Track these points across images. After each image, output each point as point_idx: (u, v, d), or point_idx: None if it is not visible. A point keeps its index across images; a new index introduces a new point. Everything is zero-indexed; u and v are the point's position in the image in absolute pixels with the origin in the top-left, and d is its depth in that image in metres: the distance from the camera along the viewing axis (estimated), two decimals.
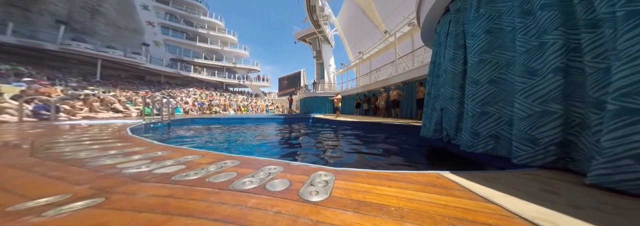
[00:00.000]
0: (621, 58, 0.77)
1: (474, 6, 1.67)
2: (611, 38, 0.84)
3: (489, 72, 1.46)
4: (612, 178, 0.74)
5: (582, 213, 0.58)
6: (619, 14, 0.80)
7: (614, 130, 0.76)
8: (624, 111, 0.74)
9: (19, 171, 0.90)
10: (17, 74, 10.28)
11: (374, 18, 12.95)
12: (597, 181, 0.77)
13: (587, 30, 0.97)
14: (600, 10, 0.89)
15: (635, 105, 0.72)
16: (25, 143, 1.63)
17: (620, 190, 0.72)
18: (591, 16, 0.95)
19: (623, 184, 0.72)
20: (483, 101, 1.46)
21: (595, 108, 0.91)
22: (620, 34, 0.79)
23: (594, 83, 0.92)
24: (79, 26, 15.98)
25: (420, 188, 0.75)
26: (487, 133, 1.40)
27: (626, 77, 0.75)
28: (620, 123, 0.75)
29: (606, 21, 0.87)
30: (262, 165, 1.00)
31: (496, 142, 1.37)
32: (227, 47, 24.33)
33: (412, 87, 5.94)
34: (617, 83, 0.77)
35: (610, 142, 0.76)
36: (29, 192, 0.66)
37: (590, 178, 0.79)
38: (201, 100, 15.49)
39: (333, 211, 0.57)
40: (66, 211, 0.54)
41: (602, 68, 0.90)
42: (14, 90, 5.91)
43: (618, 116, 0.76)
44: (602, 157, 0.78)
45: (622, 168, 0.72)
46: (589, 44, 0.95)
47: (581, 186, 0.80)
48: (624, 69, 0.76)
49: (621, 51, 0.78)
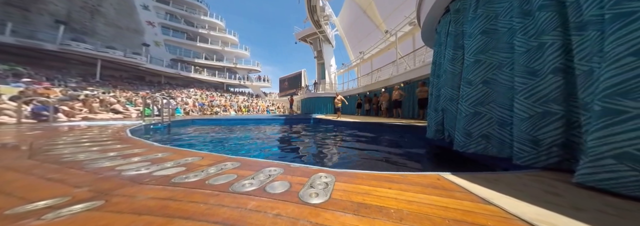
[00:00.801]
0: (606, 59, 0.79)
1: (472, 7, 1.67)
2: (598, 40, 0.86)
3: (483, 73, 1.48)
4: (595, 177, 0.76)
5: (584, 215, 0.58)
6: (607, 16, 0.81)
7: (598, 130, 0.78)
8: (607, 112, 0.76)
9: (18, 173, 0.90)
10: (15, 75, 10.27)
11: (374, 18, 12.96)
12: (581, 180, 0.79)
13: (576, 33, 0.99)
14: (588, 12, 0.90)
15: (617, 106, 0.74)
16: (23, 145, 1.62)
17: (601, 188, 0.74)
18: (580, 19, 0.97)
19: (604, 183, 0.74)
20: (476, 101, 1.47)
21: (583, 109, 0.93)
22: (607, 36, 0.80)
23: (580, 85, 0.94)
24: (79, 26, 15.97)
25: (420, 189, 0.75)
26: (479, 133, 1.42)
27: (610, 78, 0.76)
28: (603, 123, 0.77)
29: (593, 23, 0.88)
30: (262, 167, 1.00)
31: (487, 141, 1.39)
32: (227, 48, 24.32)
33: (414, 87, 5.94)
34: (603, 84, 0.78)
35: (595, 141, 0.78)
36: (28, 195, 0.66)
37: (576, 178, 0.81)
38: (202, 100, 15.48)
39: (333, 214, 0.56)
40: (66, 214, 0.54)
41: (585, 70, 0.92)
42: (12, 91, 5.90)
43: (602, 116, 0.77)
44: (586, 156, 0.80)
45: (604, 167, 0.74)
46: (577, 46, 0.97)
47: (585, 188, 0.79)
48: (609, 70, 0.77)
49: (607, 52, 0.79)
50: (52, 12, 14.67)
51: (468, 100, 1.51)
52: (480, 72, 1.48)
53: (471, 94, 1.50)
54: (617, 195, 0.72)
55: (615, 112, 0.74)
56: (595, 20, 0.87)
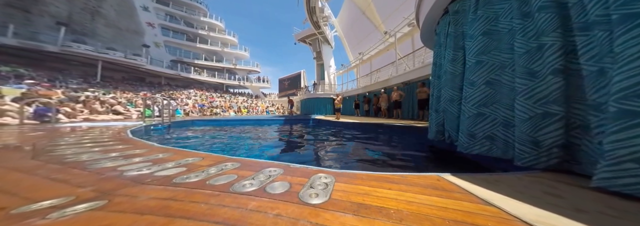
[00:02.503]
0: (618, 60, 0.77)
1: (472, 8, 1.68)
2: (606, 40, 0.84)
3: (485, 74, 1.47)
4: (617, 182, 0.73)
5: (585, 217, 0.57)
6: (614, 16, 0.80)
7: (615, 132, 0.75)
8: (623, 113, 0.74)
9: (22, 174, 0.90)
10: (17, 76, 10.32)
11: (373, 19, 12.98)
12: (601, 184, 0.76)
13: (580, 33, 0.98)
14: (593, 12, 0.89)
15: (636, 108, 0.72)
16: (27, 145, 1.63)
17: (627, 193, 0.71)
18: (584, 19, 0.96)
19: (628, 188, 0.71)
20: (479, 102, 1.47)
21: (594, 110, 0.91)
22: (616, 37, 0.79)
23: (591, 85, 0.92)
24: (80, 27, 16.04)
25: (420, 190, 0.76)
26: (483, 135, 1.41)
27: (626, 80, 0.75)
28: (621, 125, 0.74)
29: (599, 24, 0.87)
30: (262, 167, 1.00)
31: (491, 143, 1.38)
32: (227, 48, 24.38)
33: (413, 87, 5.94)
34: (617, 85, 0.76)
35: (612, 144, 0.75)
36: (32, 195, 0.67)
37: (595, 182, 0.78)
38: (202, 101, 15.50)
39: (333, 214, 0.57)
40: (70, 213, 0.55)
41: (595, 70, 0.90)
42: (15, 92, 5.93)
43: (618, 118, 0.75)
44: (604, 160, 0.77)
45: (626, 172, 0.71)
46: (584, 47, 0.96)
47: (586, 190, 0.79)
48: (622, 72, 0.76)
49: (618, 54, 0.78)
50: (53, 13, 14.74)
51: (471, 101, 1.50)
52: (482, 73, 1.48)
53: (474, 95, 1.49)
54: (617, 196, 0.72)
55: (633, 114, 0.72)
56: (601, 20, 0.86)
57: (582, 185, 0.84)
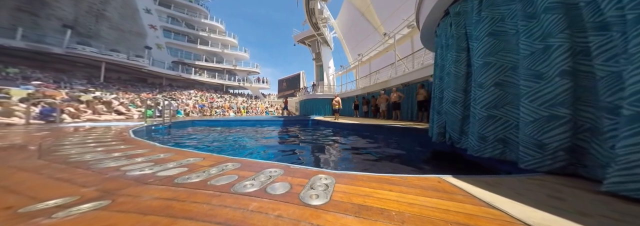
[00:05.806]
0: (633, 62, 0.75)
1: (474, 9, 1.67)
2: (621, 41, 0.82)
3: (494, 75, 1.43)
4: (628, 187, 0.71)
5: (589, 221, 0.57)
6: (629, 17, 0.77)
7: (629, 136, 0.72)
8: (638, 117, 0.71)
9: (28, 173, 0.92)
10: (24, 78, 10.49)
11: (373, 20, 13.01)
12: (612, 189, 0.75)
13: (595, 33, 0.93)
14: (608, 13, 0.86)
15: None
16: (33, 145, 1.65)
17: (637, 198, 0.69)
18: (600, 19, 0.92)
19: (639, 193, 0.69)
20: (489, 104, 1.42)
21: (609, 113, 0.87)
22: (630, 38, 0.77)
23: (606, 88, 0.88)
24: (84, 30, 16.29)
25: (421, 192, 0.75)
26: (495, 138, 1.36)
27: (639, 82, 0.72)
28: (635, 129, 0.71)
29: (614, 24, 0.84)
30: (263, 168, 1.00)
31: (504, 146, 1.33)
32: (227, 50, 24.58)
33: (412, 88, 5.93)
34: (632, 87, 0.74)
35: (626, 149, 0.72)
36: (38, 194, 0.68)
37: (605, 186, 0.77)
38: (202, 102, 15.60)
39: (334, 215, 0.57)
40: (75, 213, 0.55)
41: (615, 71, 0.86)
42: (22, 93, 6.03)
43: (632, 122, 0.72)
44: (616, 164, 0.74)
45: (638, 177, 0.69)
46: (599, 47, 0.92)
47: (591, 193, 0.77)
48: (636, 74, 0.73)
49: (632, 55, 0.75)
50: (60, 16, 15.01)
51: (480, 103, 1.45)
52: (490, 74, 1.44)
53: (483, 97, 1.45)
54: (621, 200, 0.71)
55: None
56: (617, 21, 0.83)
57: (586, 188, 0.83)
